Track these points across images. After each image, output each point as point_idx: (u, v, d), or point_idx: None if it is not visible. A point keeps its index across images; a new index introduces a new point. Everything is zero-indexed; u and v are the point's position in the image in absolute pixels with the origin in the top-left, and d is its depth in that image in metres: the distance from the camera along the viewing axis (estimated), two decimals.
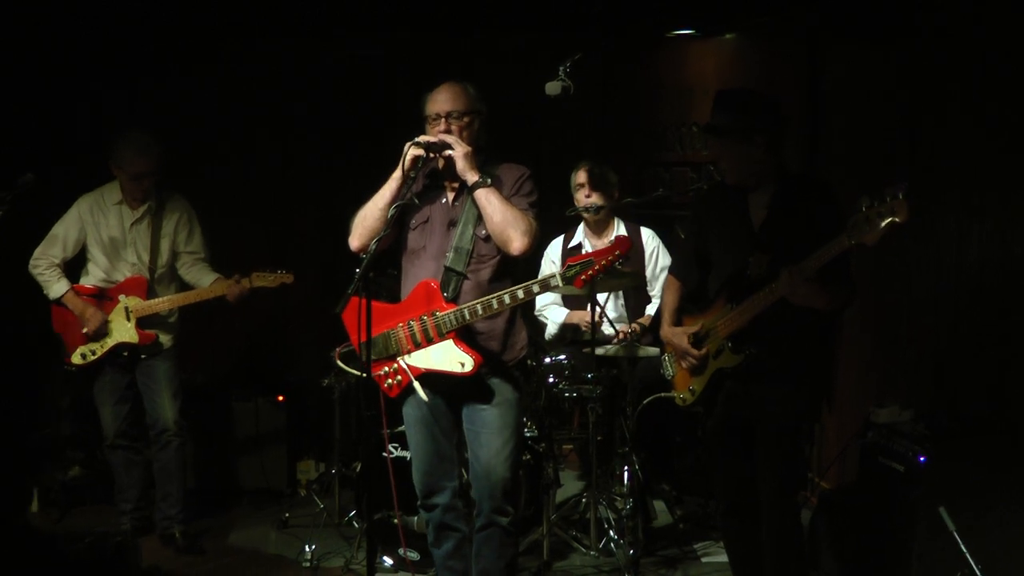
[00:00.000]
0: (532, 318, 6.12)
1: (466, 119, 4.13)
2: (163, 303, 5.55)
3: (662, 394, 5.18)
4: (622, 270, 5.71)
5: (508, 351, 4.19)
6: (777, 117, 4.12)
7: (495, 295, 3.97)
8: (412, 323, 4.10)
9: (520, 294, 3.94)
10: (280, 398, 6.61)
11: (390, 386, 4.18)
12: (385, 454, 5.23)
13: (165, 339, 5.63)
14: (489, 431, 4.14)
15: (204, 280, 5.64)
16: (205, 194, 6.06)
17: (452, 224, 4.15)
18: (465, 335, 4.08)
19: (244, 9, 6.55)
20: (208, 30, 6.77)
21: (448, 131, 4.11)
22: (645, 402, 5.49)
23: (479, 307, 3.99)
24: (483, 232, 4.10)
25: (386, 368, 4.18)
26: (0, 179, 5.02)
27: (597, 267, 3.83)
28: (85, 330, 5.46)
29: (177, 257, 5.68)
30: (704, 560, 5.43)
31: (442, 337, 4.06)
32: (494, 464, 4.14)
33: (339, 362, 4.27)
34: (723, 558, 5.19)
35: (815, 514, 4.97)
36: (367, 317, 3.84)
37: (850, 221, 3.60)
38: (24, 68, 6.56)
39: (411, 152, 4.05)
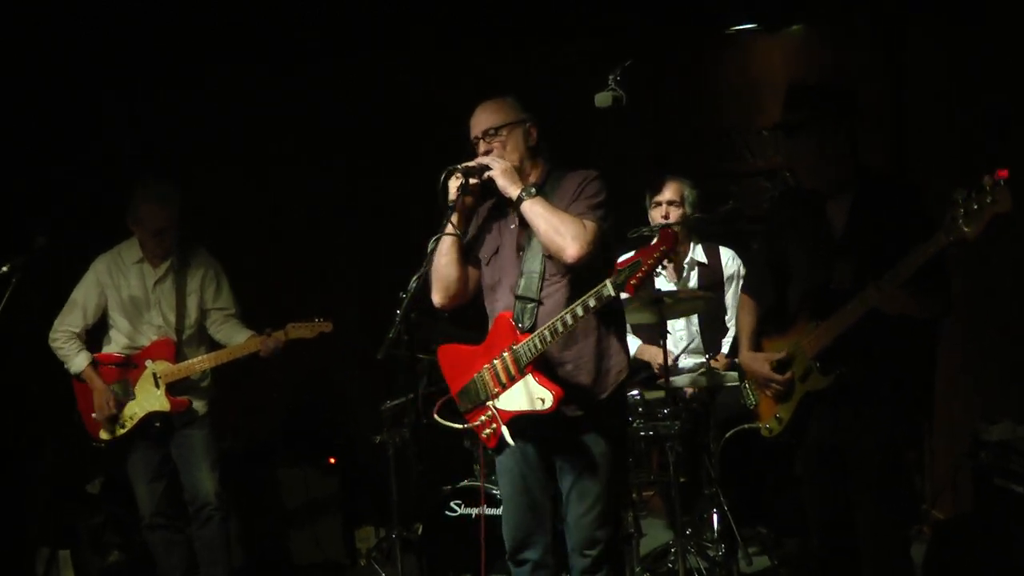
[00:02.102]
0: None
1: (504, 133, 4.15)
2: (194, 365, 5.61)
3: (746, 425, 5.12)
4: (696, 293, 5.71)
5: (600, 381, 4.13)
6: (855, 108, 4.07)
7: (559, 316, 3.94)
8: (495, 362, 4.11)
9: (579, 311, 3.88)
10: (331, 460, 6.64)
11: (488, 436, 4.19)
12: (448, 513, 5.27)
13: (199, 405, 5.67)
14: (580, 488, 4.14)
15: (237, 337, 5.68)
16: (226, 242, 6.12)
17: (521, 249, 4.17)
18: (546, 368, 4.06)
19: (268, 28, 6.67)
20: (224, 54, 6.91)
21: (489, 152, 4.14)
22: (728, 435, 5.44)
23: (547, 332, 3.97)
24: None
25: (482, 417, 4.20)
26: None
27: (645, 267, 3.77)
28: (93, 415, 5.57)
29: (206, 315, 5.73)
30: None
31: (522, 373, 4.05)
32: (584, 524, 4.15)
33: (437, 417, 4.32)
34: None
35: (930, 547, 4.87)
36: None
37: (947, 216, 3.53)
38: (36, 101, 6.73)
39: (452, 183, 4.08)
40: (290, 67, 7.09)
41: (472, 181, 4.10)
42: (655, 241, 3.83)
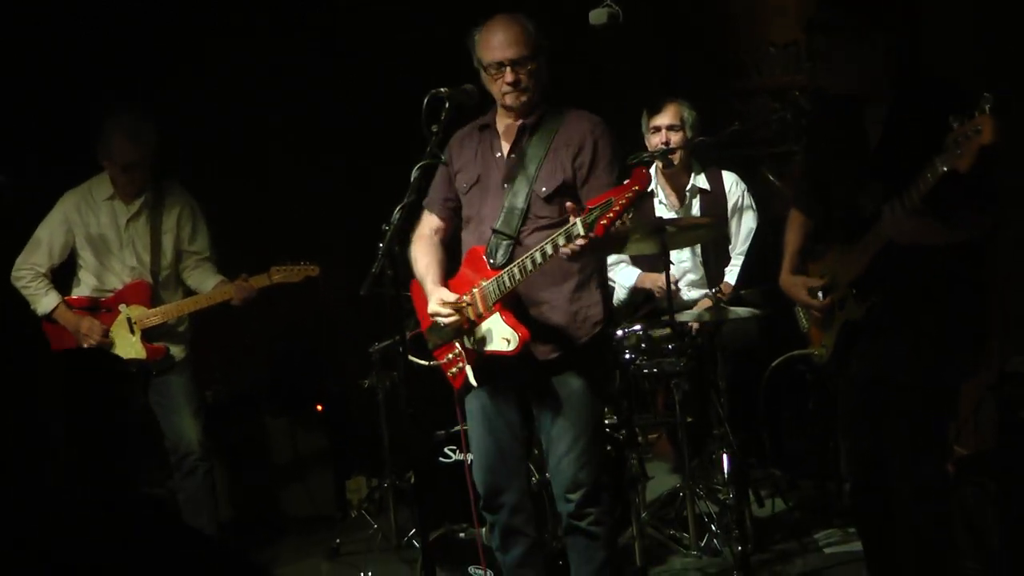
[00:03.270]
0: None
1: (533, 65, 4.10)
2: (170, 310, 5.59)
3: (796, 352, 5.11)
4: (699, 220, 5.68)
5: (577, 325, 4.14)
6: (901, 11, 3.99)
7: (528, 254, 3.94)
8: (464, 298, 4.14)
9: (548, 248, 3.86)
10: (319, 408, 6.64)
11: (454, 375, 4.26)
12: (442, 459, 5.28)
13: (176, 351, 5.66)
14: (557, 429, 4.17)
15: (207, 284, 5.67)
16: (210, 183, 6.09)
17: (507, 181, 4.16)
18: (517, 307, 4.07)
19: None
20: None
21: (517, 81, 4.09)
22: (774, 364, 5.44)
23: (516, 270, 3.97)
24: (543, 190, 4.10)
25: (449, 355, 4.25)
26: None
27: (616, 207, 3.68)
28: (84, 345, 5.51)
29: (180, 257, 5.71)
30: (828, 551, 5.35)
31: (489, 311, 4.07)
32: (563, 466, 4.18)
33: (408, 355, 4.36)
34: (849, 547, 5.15)
35: (954, 485, 4.86)
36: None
37: (945, 143, 3.48)
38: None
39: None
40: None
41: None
42: (628, 180, 3.74)
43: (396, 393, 6.01)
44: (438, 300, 4.14)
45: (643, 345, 5.46)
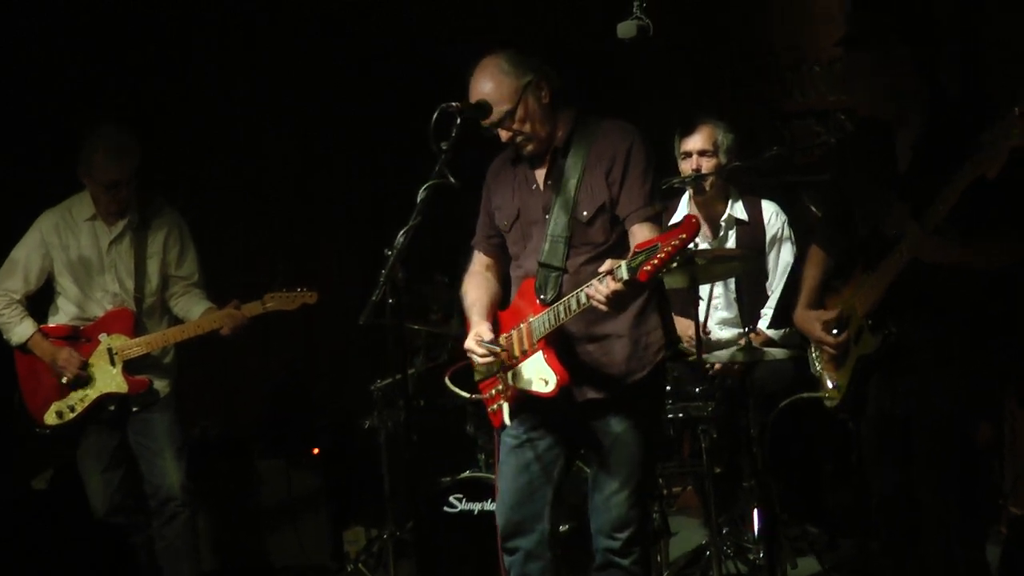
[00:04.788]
0: None
1: (520, 113, 4.15)
2: (155, 340, 5.59)
3: (804, 395, 5.09)
4: (733, 252, 5.66)
5: (640, 354, 4.22)
6: (928, 22, 4.03)
7: (573, 293, 3.99)
8: (513, 332, 4.24)
9: (590, 291, 3.88)
10: (314, 450, 6.63)
11: (494, 412, 4.32)
12: (447, 509, 5.27)
13: (160, 385, 5.65)
14: (610, 466, 4.24)
15: (195, 311, 5.66)
16: (199, 204, 6.11)
17: (547, 212, 4.24)
18: (566, 345, 4.15)
19: None
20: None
21: (512, 136, 4.19)
22: (782, 405, 5.44)
23: (561, 308, 4.04)
24: (584, 214, 4.16)
25: (492, 389, 4.33)
26: None
27: (662, 254, 3.70)
28: (64, 379, 5.52)
29: (166, 283, 5.71)
30: None
31: (533, 348, 4.15)
32: (613, 504, 4.25)
33: (448, 382, 4.41)
34: None
35: (1007, 548, 4.83)
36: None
37: (973, 149, 3.52)
38: None
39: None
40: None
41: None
42: (678, 226, 3.76)
43: (399, 435, 5.99)
44: (475, 337, 4.21)
45: (668, 387, 5.43)
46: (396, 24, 7.22)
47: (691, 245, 3.80)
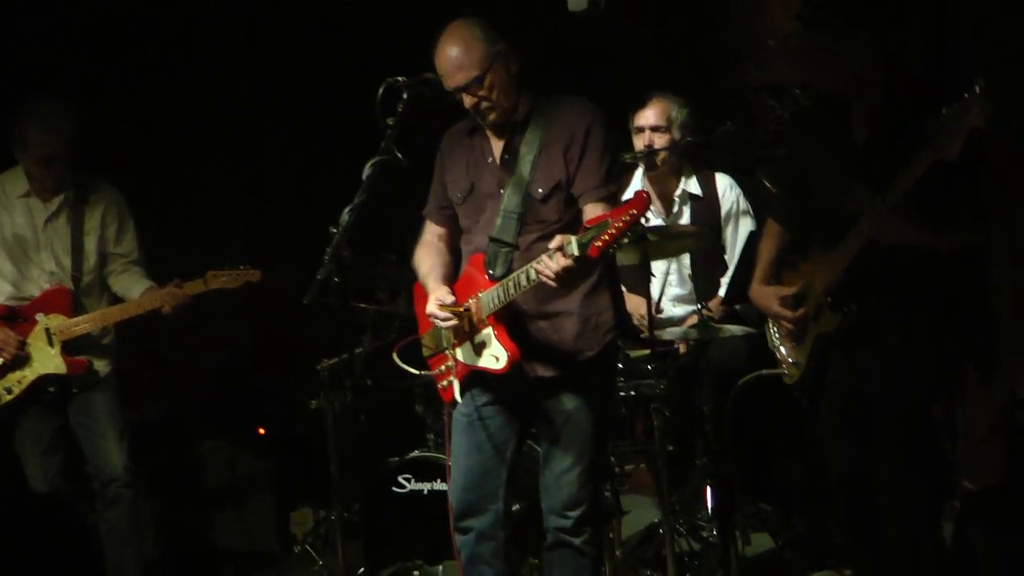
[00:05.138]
0: None
1: (489, 80, 4.15)
2: (94, 320, 5.55)
3: (764, 371, 5.13)
4: (686, 228, 5.68)
5: (590, 334, 4.24)
6: (889, 4, 4.05)
7: (523, 268, 3.98)
8: (462, 307, 4.23)
9: (540, 266, 3.89)
10: (260, 431, 6.61)
11: (444, 387, 4.37)
12: (396, 489, 5.27)
13: (100, 365, 5.62)
14: (562, 445, 4.27)
15: (134, 290, 5.63)
16: (139, 179, 6.07)
17: (502, 187, 4.25)
18: (516, 322, 4.16)
19: None
20: None
21: (477, 104, 4.17)
22: (741, 383, 5.45)
23: (511, 284, 4.04)
24: (539, 191, 4.17)
25: (442, 366, 4.37)
26: None
27: (612, 230, 3.71)
28: (0, 360, 5.47)
29: (105, 260, 5.68)
30: None
31: (483, 324, 4.15)
32: (565, 482, 4.29)
33: (396, 358, 4.41)
34: None
35: (960, 525, 4.88)
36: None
37: (933, 129, 3.55)
38: None
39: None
40: None
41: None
42: (628, 201, 3.78)
43: (347, 416, 5.98)
44: (437, 301, 4.21)
45: (620, 366, 5.45)
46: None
47: (643, 221, 3.81)
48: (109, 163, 5.86)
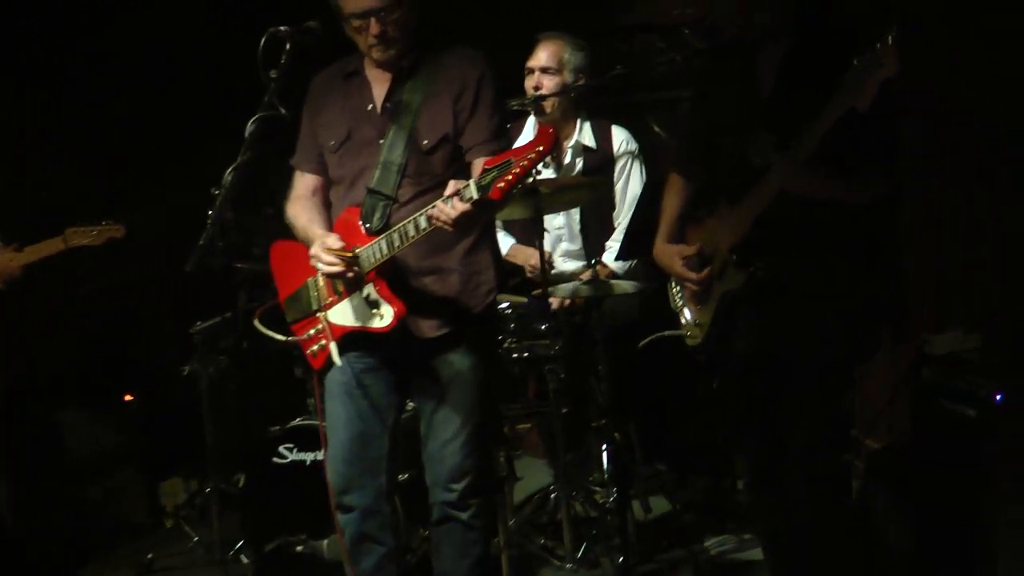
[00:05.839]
0: None
1: (402, 10, 4.06)
2: None
3: (667, 333, 5.14)
4: (579, 180, 5.66)
5: (470, 293, 4.21)
6: None
7: (411, 217, 3.92)
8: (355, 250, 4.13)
9: (435, 211, 3.82)
10: (127, 398, 6.51)
11: (314, 353, 4.28)
12: (277, 460, 5.22)
13: None
14: (444, 412, 4.24)
15: None
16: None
17: (382, 136, 4.17)
18: (397, 278, 4.09)
19: None
20: None
21: (383, 34, 4.06)
22: (642, 344, 5.46)
23: (396, 235, 3.97)
24: (425, 143, 4.11)
25: (311, 330, 4.28)
26: None
27: (517, 168, 3.64)
28: None
29: None
30: (720, 560, 5.42)
31: (362, 282, 4.08)
32: (448, 453, 4.25)
33: (257, 323, 4.32)
34: (745, 555, 5.23)
35: (865, 483, 4.97)
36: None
37: (843, 80, 3.55)
38: None
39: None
40: None
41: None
42: (533, 138, 3.72)
43: (223, 382, 5.90)
44: (322, 245, 4.07)
45: (512, 325, 5.44)
46: None
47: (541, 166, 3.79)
48: None
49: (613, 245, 5.87)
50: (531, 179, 3.71)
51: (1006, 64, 4.98)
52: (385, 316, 4.04)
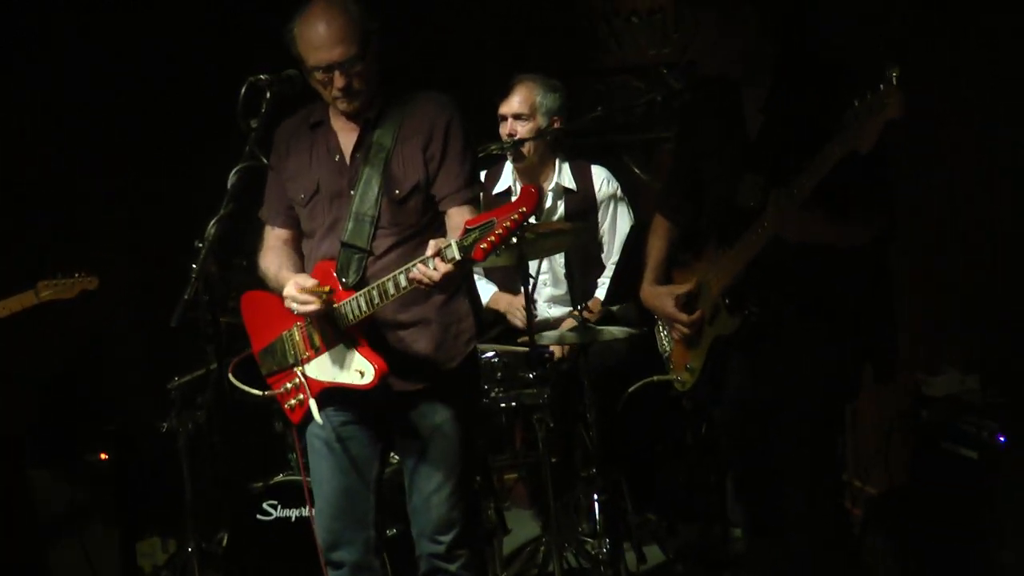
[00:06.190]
0: None
1: (367, 61, 4.05)
2: None
3: (655, 378, 5.14)
4: (561, 225, 5.65)
5: (449, 344, 4.20)
6: None
7: (392, 275, 3.90)
8: (309, 320, 4.12)
9: (416, 272, 3.81)
10: (102, 456, 6.44)
11: (292, 407, 4.27)
12: (261, 517, 5.18)
13: None
14: (427, 464, 4.23)
15: None
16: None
17: (352, 188, 4.15)
18: (374, 333, 4.08)
19: None
20: None
21: (348, 86, 4.04)
22: (632, 390, 5.44)
23: (375, 292, 3.94)
24: (397, 192, 4.09)
25: (287, 384, 4.24)
26: None
27: (500, 230, 3.66)
28: None
29: None
30: None
31: (340, 337, 4.04)
32: (433, 504, 4.24)
33: (231, 377, 4.30)
34: None
35: (862, 530, 4.96)
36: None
37: (843, 121, 3.55)
38: None
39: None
40: None
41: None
42: (515, 199, 3.74)
43: (201, 438, 5.85)
44: (295, 284, 4.05)
45: (499, 374, 5.42)
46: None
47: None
48: None
49: (604, 282, 5.90)
50: (515, 240, 3.71)
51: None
52: (366, 374, 4.01)
